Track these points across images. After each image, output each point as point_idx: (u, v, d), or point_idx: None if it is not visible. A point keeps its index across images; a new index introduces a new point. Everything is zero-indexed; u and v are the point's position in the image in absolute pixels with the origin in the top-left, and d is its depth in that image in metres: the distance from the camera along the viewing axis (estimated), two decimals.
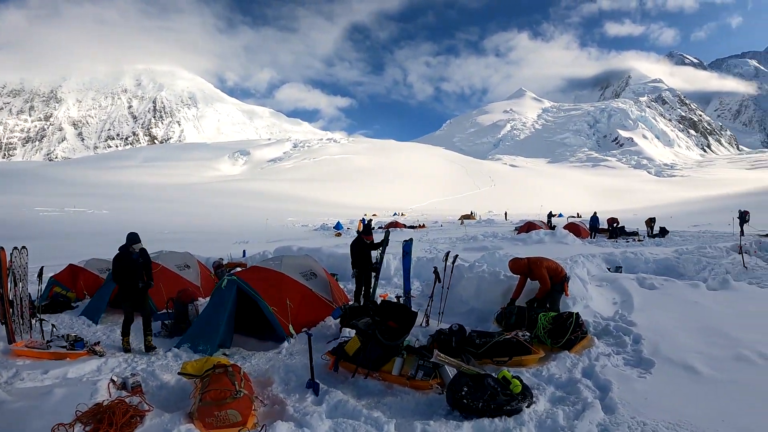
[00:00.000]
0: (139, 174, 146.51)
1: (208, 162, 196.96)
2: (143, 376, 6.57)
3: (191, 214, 58.21)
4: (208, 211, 65.44)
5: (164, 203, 73.08)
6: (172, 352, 8.02)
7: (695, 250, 19.06)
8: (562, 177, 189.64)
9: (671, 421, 4.99)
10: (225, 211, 66.13)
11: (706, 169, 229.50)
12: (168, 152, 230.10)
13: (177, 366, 7.17)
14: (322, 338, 8.50)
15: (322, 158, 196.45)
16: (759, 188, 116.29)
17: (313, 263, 10.74)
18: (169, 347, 8.29)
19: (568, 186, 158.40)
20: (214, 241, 29.32)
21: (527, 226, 34.31)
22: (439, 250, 22.24)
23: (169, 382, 6.55)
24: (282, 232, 40.41)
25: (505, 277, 10.34)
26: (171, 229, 38.25)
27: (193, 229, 39.63)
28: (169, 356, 7.87)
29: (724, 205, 68.73)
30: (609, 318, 8.93)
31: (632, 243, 27.11)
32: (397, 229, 39.33)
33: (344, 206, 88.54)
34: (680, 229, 35.07)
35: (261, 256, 17.11)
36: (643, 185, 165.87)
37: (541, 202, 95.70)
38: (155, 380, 6.58)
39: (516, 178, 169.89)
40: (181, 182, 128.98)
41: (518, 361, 6.94)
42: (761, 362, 6.57)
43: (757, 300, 10.37)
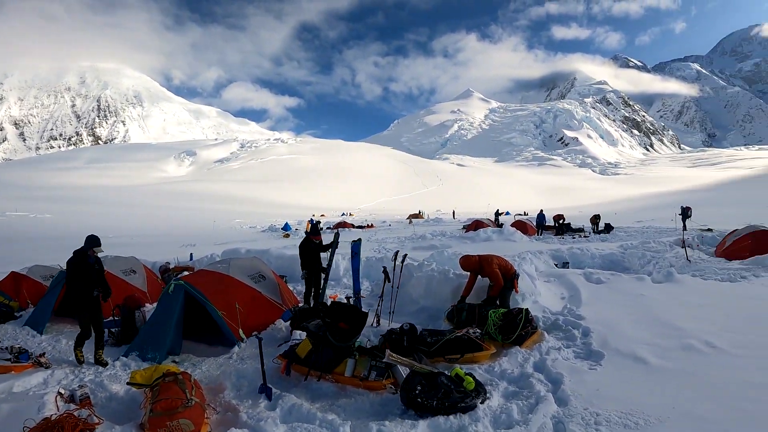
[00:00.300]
0: (82, 176, 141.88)
1: (153, 163, 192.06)
2: (91, 388, 6.32)
3: (136, 217, 56.73)
4: (153, 213, 63.89)
5: (109, 206, 71.01)
6: (121, 361, 7.69)
7: (640, 245, 19.67)
8: (508, 176, 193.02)
9: (623, 411, 5.11)
10: (171, 214, 64.67)
11: (649, 167, 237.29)
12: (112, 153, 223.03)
13: (126, 376, 6.91)
14: (273, 341, 8.34)
15: (269, 159, 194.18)
16: (700, 185, 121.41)
17: (261, 265, 10.55)
18: (117, 356, 7.94)
19: (515, 185, 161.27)
20: (160, 245, 28.60)
21: (475, 224, 34.71)
22: (388, 249, 22.23)
23: (118, 392, 6.33)
24: (229, 234, 39.70)
25: (455, 276, 10.41)
26: (116, 232, 37.06)
27: (138, 233, 38.56)
28: (118, 365, 7.54)
29: (667, 202, 71.50)
30: (558, 312, 9.11)
31: (578, 239, 27.74)
32: (345, 229, 39.21)
33: (292, 207, 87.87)
34: (624, 225, 36.08)
35: (209, 259, 16.71)
36: (588, 183, 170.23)
37: (488, 201, 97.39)
38: (104, 391, 6.35)
39: (463, 178, 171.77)
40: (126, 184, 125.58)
41: (470, 358, 6.99)
42: (707, 350, 6.82)
43: (700, 291, 10.75)
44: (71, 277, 7.71)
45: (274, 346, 8.07)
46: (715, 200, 70.95)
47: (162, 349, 7.72)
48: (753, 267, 14.50)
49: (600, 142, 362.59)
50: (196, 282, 8.53)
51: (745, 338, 7.26)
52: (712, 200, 71.04)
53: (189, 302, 8.34)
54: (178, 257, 18.47)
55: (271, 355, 7.15)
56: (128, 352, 7.95)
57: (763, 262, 14.90)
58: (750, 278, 12.46)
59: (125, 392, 6.27)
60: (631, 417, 4.99)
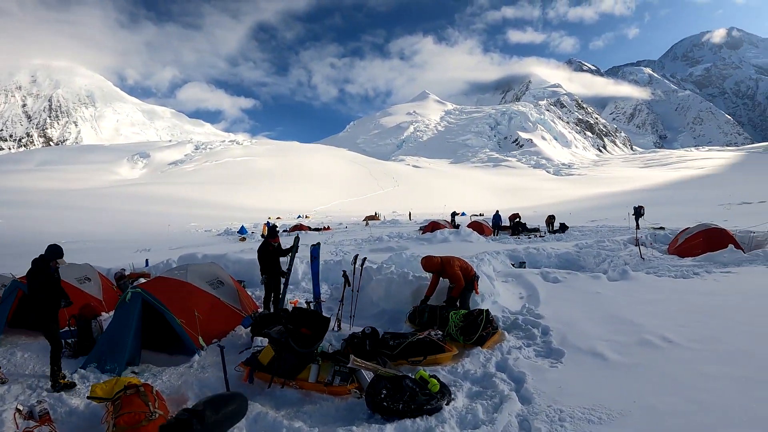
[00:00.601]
0: (33, 178, 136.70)
1: (106, 165, 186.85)
2: (50, 403, 6.09)
3: (89, 221, 54.96)
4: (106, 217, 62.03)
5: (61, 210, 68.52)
6: (79, 373, 7.40)
7: (594, 244, 20.05)
8: (464, 177, 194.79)
9: (586, 406, 5.25)
10: (125, 217, 62.91)
11: (602, 168, 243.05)
12: (64, 155, 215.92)
13: (85, 389, 6.69)
14: (234, 349, 8.19)
15: (224, 161, 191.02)
16: (651, 185, 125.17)
17: (219, 271, 10.38)
18: (74, 368, 7.62)
19: (471, 185, 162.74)
20: (114, 250, 27.74)
21: (432, 225, 34.64)
22: (346, 252, 22.11)
23: (78, 407, 6.11)
24: (185, 238, 38.86)
25: (414, 278, 10.46)
26: (68, 237, 35.83)
27: (91, 238, 37.42)
28: (76, 378, 7.24)
29: (619, 201, 73.33)
30: (517, 312, 9.26)
31: (534, 239, 28.11)
32: (302, 231, 38.86)
33: (248, 210, 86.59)
34: (579, 224, 36.70)
35: (165, 264, 16.34)
36: (542, 184, 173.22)
37: (444, 202, 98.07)
38: (63, 406, 6.12)
39: (419, 179, 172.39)
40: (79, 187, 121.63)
41: (433, 359, 7.04)
42: (663, 345, 7.06)
43: (655, 288, 11.11)
44: (36, 289, 7.17)
45: (236, 353, 7.94)
46: (667, 199, 73.26)
47: (121, 359, 7.49)
48: (705, 263, 14.95)
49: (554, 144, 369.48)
50: (154, 289, 8.32)
51: (698, 332, 7.53)
52: (663, 199, 73.33)
53: (147, 310, 8.11)
54: (134, 263, 18.00)
55: (232, 363, 7.06)
56: (86, 364, 7.66)
57: (714, 258, 15.39)
58: (702, 274, 12.84)
59: (86, 406, 6.08)
60: (594, 412, 5.12)
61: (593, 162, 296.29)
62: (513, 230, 32.18)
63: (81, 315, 8.95)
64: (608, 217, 45.68)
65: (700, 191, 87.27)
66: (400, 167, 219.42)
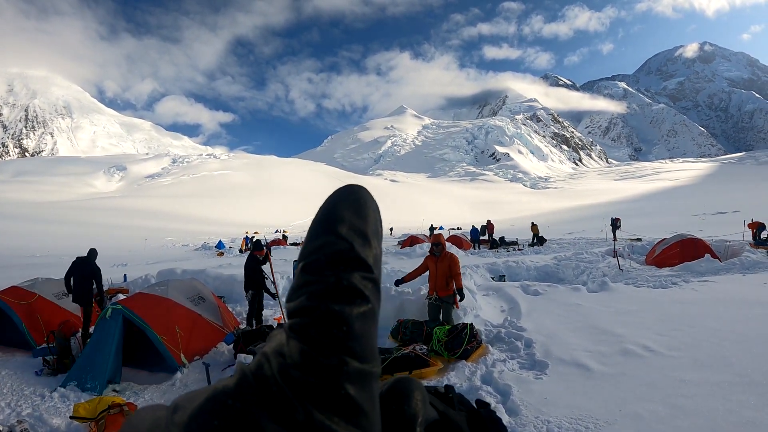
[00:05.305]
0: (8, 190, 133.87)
1: (82, 177, 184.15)
2: (31, 423, 5.95)
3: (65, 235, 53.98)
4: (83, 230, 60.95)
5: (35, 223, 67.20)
6: (58, 392, 7.15)
7: (573, 256, 20.27)
8: (441, 191, 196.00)
9: (572, 417, 5.28)
10: (101, 231, 61.89)
11: (578, 180, 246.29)
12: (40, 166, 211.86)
13: (66, 408, 6.52)
14: (217, 366, 8.08)
15: (201, 174, 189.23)
16: (627, 197, 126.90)
17: (200, 286, 10.26)
18: (54, 387, 7.40)
19: (448, 199, 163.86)
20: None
21: (410, 239, 34.69)
22: None
23: (59, 427, 5.95)
24: (162, 252, 38.36)
25: (396, 293, 10.50)
26: (43, 251, 35.21)
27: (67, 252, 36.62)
28: (56, 397, 6.99)
29: (596, 214, 74.17)
30: (499, 325, 9.28)
31: (513, 252, 28.32)
32: (280, 246, 38.62)
33: (225, 224, 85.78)
34: (556, 237, 37.02)
35: (144, 280, 16.10)
36: (519, 197, 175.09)
37: (422, 216, 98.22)
38: (44, 426, 5.96)
39: (397, 193, 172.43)
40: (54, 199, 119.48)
41: (418, 374, 7.01)
42: (645, 354, 7.14)
43: (634, 298, 11.26)
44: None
45: (218, 370, 7.86)
46: (643, 211, 74.02)
47: (102, 377, 7.32)
48: (682, 273, 15.27)
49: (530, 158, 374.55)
50: (135, 305, 8.19)
51: (677, 340, 7.65)
52: (639, 211, 74.11)
53: (127, 327, 7.99)
54: (111, 278, 17.70)
55: (215, 381, 6.95)
56: (66, 382, 7.44)
57: (691, 268, 15.70)
58: (680, 284, 13.05)
59: (67, 426, 5.93)
60: (581, 422, 5.15)
61: (569, 175, 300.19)
62: (491, 244, 32.36)
63: (59, 331, 8.78)
64: (585, 229, 46.19)
65: (675, 202, 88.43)
66: (378, 181, 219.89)
